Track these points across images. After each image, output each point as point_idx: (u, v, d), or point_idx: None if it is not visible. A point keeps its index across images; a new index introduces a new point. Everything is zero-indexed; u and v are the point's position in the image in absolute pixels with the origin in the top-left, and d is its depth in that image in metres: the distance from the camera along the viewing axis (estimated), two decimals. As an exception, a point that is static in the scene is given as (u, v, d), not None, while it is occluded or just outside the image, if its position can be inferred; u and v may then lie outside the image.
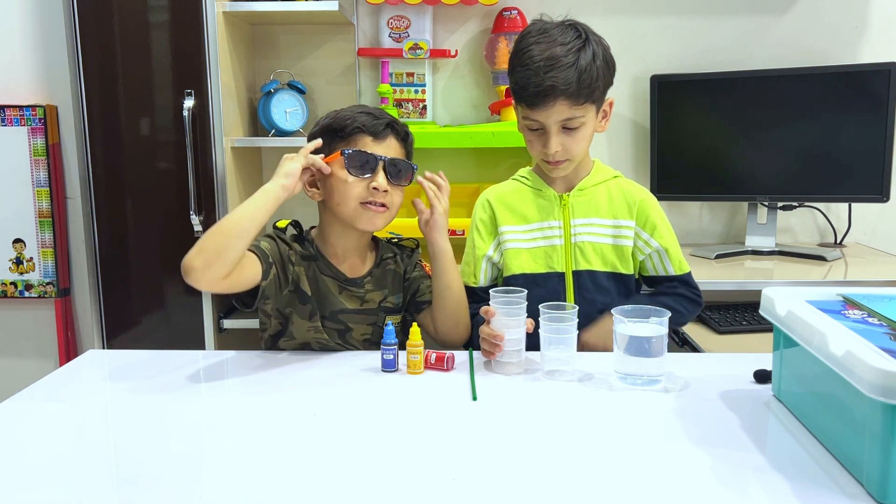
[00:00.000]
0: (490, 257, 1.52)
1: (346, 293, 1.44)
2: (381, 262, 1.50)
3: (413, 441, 1.00)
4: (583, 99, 1.35)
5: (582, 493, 0.85)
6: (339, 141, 1.40)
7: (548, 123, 1.37)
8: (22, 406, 1.14)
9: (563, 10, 2.32)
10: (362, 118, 1.39)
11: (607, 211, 1.47)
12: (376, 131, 1.39)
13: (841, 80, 2.13)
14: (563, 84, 1.32)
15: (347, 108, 1.44)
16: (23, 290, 2.43)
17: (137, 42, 2.12)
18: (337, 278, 1.44)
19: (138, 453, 0.97)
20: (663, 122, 2.27)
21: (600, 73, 1.37)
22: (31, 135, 2.37)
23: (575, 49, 1.34)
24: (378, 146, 1.39)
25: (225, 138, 2.09)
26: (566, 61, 1.33)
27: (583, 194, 1.48)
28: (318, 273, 1.43)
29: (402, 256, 1.53)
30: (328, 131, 1.41)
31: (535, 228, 1.49)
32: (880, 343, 0.86)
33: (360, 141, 1.39)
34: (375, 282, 1.47)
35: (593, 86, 1.35)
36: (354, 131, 1.39)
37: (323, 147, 1.40)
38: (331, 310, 1.43)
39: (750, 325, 1.81)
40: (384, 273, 1.49)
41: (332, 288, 1.43)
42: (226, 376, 1.28)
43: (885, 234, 2.39)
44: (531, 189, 1.51)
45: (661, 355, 1.15)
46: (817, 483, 0.85)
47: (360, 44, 2.36)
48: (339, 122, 1.40)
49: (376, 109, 1.44)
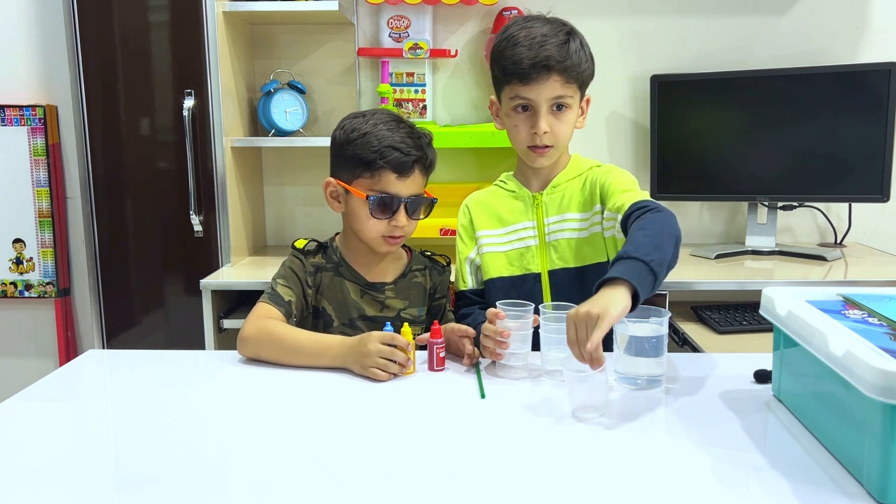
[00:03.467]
0: (472, 260, 1.53)
1: (367, 297, 1.46)
2: (409, 273, 1.50)
3: (413, 441, 1.00)
4: (573, 79, 1.37)
5: (582, 492, 0.85)
6: (362, 169, 1.38)
7: (539, 101, 1.37)
8: (22, 406, 1.13)
9: (563, 10, 2.33)
10: (391, 155, 1.35)
11: (579, 205, 1.45)
12: (403, 169, 1.38)
13: (841, 80, 2.13)
14: (558, 56, 1.34)
15: (374, 131, 1.37)
16: (23, 290, 2.43)
17: (137, 42, 2.12)
18: (358, 282, 1.45)
19: (138, 453, 0.97)
20: (663, 122, 2.27)
21: (587, 59, 1.40)
22: (31, 135, 2.37)
23: (564, 32, 1.37)
24: (402, 183, 1.38)
25: (225, 138, 2.08)
26: (557, 40, 1.35)
27: (556, 191, 1.47)
28: (341, 279, 1.45)
29: (431, 271, 1.54)
30: (353, 158, 1.38)
31: (510, 231, 1.50)
32: (880, 343, 0.86)
33: (384, 178, 1.37)
34: (398, 291, 1.48)
35: (582, 66, 1.38)
36: (380, 167, 1.37)
37: (343, 164, 1.40)
38: (349, 317, 1.44)
39: (750, 325, 1.81)
40: (410, 285, 1.50)
41: (353, 292, 1.45)
42: (226, 376, 1.28)
43: (885, 234, 2.39)
44: (507, 192, 1.52)
45: (661, 355, 1.15)
46: (817, 483, 0.85)
47: (360, 44, 2.36)
48: (366, 153, 1.36)
49: (404, 138, 1.38)
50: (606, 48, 2.33)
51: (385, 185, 1.37)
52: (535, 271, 1.47)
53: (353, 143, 1.38)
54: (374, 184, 1.38)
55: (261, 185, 2.41)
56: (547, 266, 1.46)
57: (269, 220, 2.45)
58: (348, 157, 1.39)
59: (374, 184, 1.38)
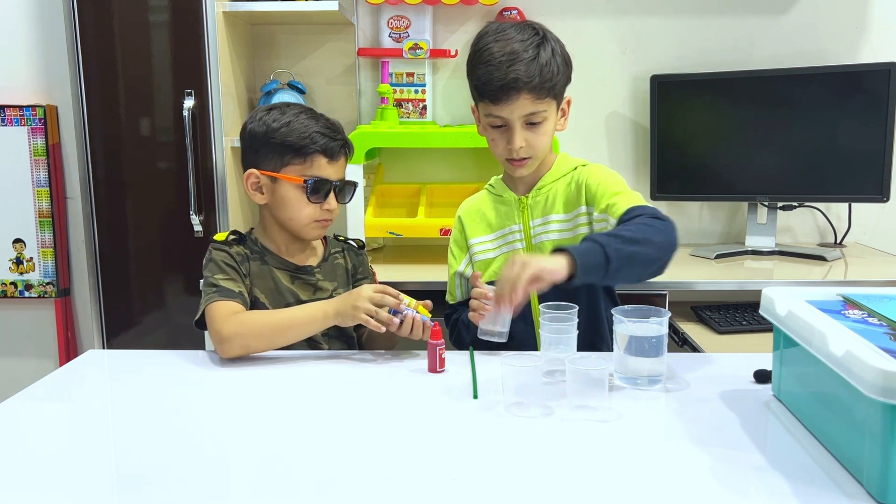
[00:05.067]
0: (462, 273, 1.55)
1: (298, 282, 1.47)
2: (330, 255, 1.54)
3: (413, 440, 1.00)
4: (545, 93, 1.35)
5: (582, 492, 0.85)
6: (293, 156, 1.40)
7: (511, 119, 1.36)
8: (22, 406, 1.13)
9: (563, 10, 2.34)
10: (321, 140, 1.40)
11: (563, 205, 1.45)
12: (333, 153, 1.42)
13: (841, 80, 2.13)
14: (525, 77, 1.32)
15: (298, 120, 1.41)
16: (23, 290, 2.43)
17: (137, 42, 2.12)
18: (287, 268, 1.47)
19: (138, 453, 0.97)
20: (663, 122, 2.27)
21: (559, 68, 1.37)
22: (31, 135, 2.36)
23: (534, 45, 1.35)
24: (332, 167, 1.43)
25: (225, 138, 2.09)
26: (527, 56, 1.33)
27: (540, 194, 1.47)
28: (270, 268, 1.45)
29: (349, 252, 1.58)
30: (281, 146, 1.40)
31: (499, 236, 1.50)
32: (880, 343, 0.86)
33: (316, 162, 1.40)
34: (325, 273, 1.51)
35: (554, 80, 1.36)
36: (312, 152, 1.40)
37: (268, 154, 1.41)
38: (286, 302, 1.44)
39: (750, 325, 1.81)
40: (333, 266, 1.53)
41: (284, 279, 1.46)
42: (226, 376, 1.28)
43: (885, 234, 2.39)
44: (495, 196, 1.53)
45: (661, 355, 1.15)
46: (817, 483, 0.85)
47: (360, 44, 2.36)
48: (297, 139, 1.39)
49: (327, 125, 1.43)
50: (606, 48, 2.33)
51: (317, 169, 1.40)
52: None
53: (278, 132, 1.40)
54: (305, 169, 1.40)
55: (261, 185, 2.41)
56: None
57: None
58: (275, 146, 1.40)
59: (306, 169, 1.40)
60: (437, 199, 2.26)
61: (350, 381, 1.22)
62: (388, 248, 2.41)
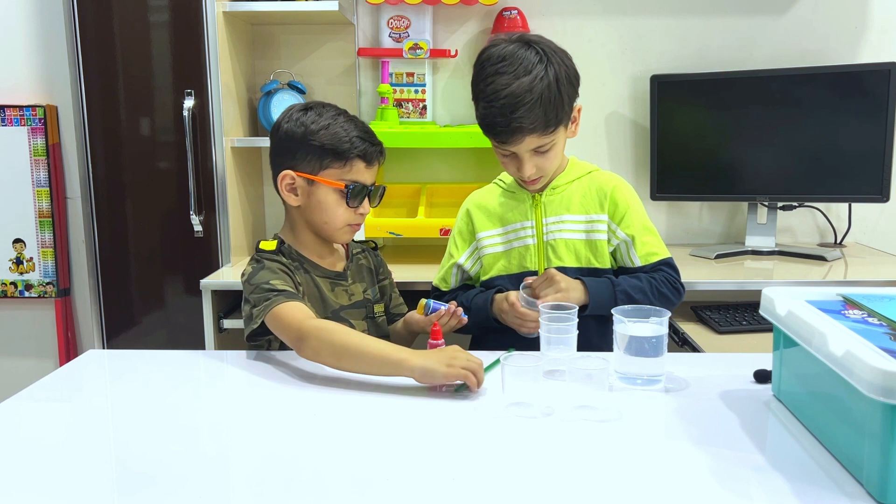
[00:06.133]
0: (461, 265, 1.56)
1: (337, 289, 1.46)
2: (353, 256, 1.54)
3: (413, 440, 1.00)
4: (552, 127, 1.35)
5: (582, 492, 0.85)
6: (332, 159, 1.37)
7: (519, 152, 1.38)
8: (22, 406, 1.14)
9: (563, 10, 2.34)
10: (361, 145, 1.37)
11: (580, 207, 1.48)
12: (371, 158, 1.40)
13: (841, 80, 2.13)
14: (530, 124, 1.32)
15: (336, 123, 1.38)
16: (23, 290, 2.43)
17: (137, 42, 2.12)
18: (328, 276, 1.45)
19: (138, 453, 0.97)
20: (663, 122, 2.27)
21: (566, 97, 1.35)
22: (31, 135, 2.37)
23: (539, 78, 1.31)
24: (368, 172, 1.41)
25: (225, 138, 2.09)
26: (530, 98, 1.30)
27: (555, 192, 1.49)
28: (312, 277, 1.44)
29: (368, 252, 1.59)
30: (320, 148, 1.36)
31: (509, 231, 1.51)
32: (880, 343, 0.86)
33: (355, 167, 1.38)
34: (354, 275, 1.51)
35: (560, 113, 1.35)
36: (353, 157, 1.37)
37: (306, 156, 1.37)
38: (332, 309, 1.43)
39: (750, 325, 1.81)
40: (359, 267, 1.53)
41: (325, 288, 1.45)
42: (226, 376, 1.28)
43: (885, 234, 2.39)
44: (506, 191, 1.54)
45: (661, 355, 1.15)
46: (817, 483, 0.85)
47: (360, 44, 2.36)
48: (337, 143, 1.36)
49: (364, 127, 1.41)
50: (606, 48, 2.33)
51: (355, 174, 1.39)
52: (533, 269, 1.48)
53: (317, 134, 1.37)
54: (344, 173, 1.38)
55: (261, 185, 2.41)
56: (544, 265, 1.47)
57: (269, 220, 2.44)
58: (315, 148, 1.37)
59: (345, 173, 1.38)
60: (437, 199, 2.27)
61: (350, 380, 1.22)
62: (389, 248, 2.41)
